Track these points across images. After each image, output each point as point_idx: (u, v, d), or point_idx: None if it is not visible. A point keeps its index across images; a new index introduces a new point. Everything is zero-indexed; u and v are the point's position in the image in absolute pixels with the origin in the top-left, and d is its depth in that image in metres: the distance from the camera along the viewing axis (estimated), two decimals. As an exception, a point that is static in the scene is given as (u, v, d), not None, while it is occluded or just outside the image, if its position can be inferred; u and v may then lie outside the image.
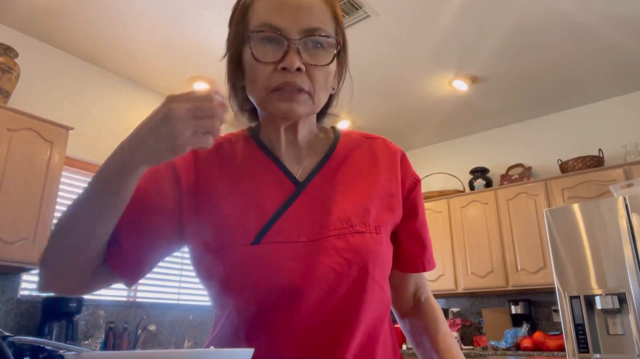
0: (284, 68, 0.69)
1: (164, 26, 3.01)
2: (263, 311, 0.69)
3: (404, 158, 0.85)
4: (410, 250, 0.84)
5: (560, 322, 3.11)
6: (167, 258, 0.87)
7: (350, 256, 0.70)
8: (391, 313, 0.84)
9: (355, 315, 0.71)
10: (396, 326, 1.12)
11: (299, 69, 0.69)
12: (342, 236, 0.71)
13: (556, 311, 3.80)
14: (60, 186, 2.89)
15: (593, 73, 3.62)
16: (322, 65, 0.72)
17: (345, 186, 0.77)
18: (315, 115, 0.81)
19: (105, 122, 3.42)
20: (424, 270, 0.86)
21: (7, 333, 0.59)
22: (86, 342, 2.90)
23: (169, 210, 0.73)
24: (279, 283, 0.68)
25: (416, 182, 0.85)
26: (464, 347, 3.92)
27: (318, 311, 0.69)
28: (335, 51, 0.73)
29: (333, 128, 0.87)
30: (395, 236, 0.83)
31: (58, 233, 0.67)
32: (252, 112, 0.82)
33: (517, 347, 3.52)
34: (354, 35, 3.13)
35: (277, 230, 0.71)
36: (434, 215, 4.27)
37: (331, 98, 0.82)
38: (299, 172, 0.78)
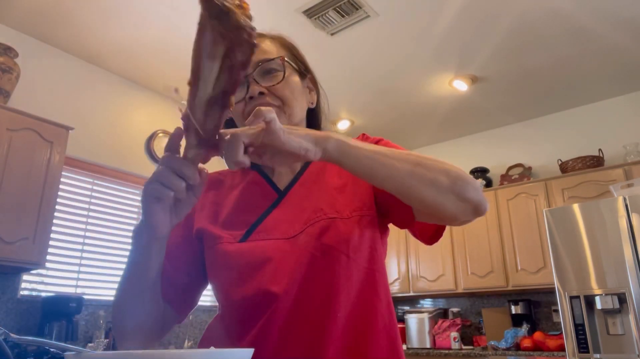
0: (250, 98, 0.83)
1: (164, 26, 3.01)
2: (249, 301, 0.78)
3: (379, 140, 0.90)
4: (397, 206, 0.80)
5: (560, 322, 3.11)
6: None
7: (324, 240, 0.79)
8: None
9: (334, 289, 0.76)
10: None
11: (261, 93, 0.83)
12: (315, 224, 0.81)
13: (556, 311, 3.80)
14: (60, 186, 2.89)
15: (593, 73, 3.62)
16: (279, 83, 0.84)
17: (319, 185, 0.87)
18: None
19: (105, 122, 3.41)
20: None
21: (12, 335, 0.58)
22: (91, 344, 2.89)
23: (188, 236, 0.88)
24: (263, 275, 0.77)
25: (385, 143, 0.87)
26: (463, 347, 3.92)
27: (299, 303, 0.76)
28: (283, 70, 0.85)
29: None
30: (384, 206, 0.84)
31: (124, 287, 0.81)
32: None
33: (517, 347, 3.52)
34: (353, 35, 3.13)
35: (261, 229, 0.82)
36: (434, 215, 4.26)
37: (315, 113, 0.95)
38: (288, 182, 0.89)
